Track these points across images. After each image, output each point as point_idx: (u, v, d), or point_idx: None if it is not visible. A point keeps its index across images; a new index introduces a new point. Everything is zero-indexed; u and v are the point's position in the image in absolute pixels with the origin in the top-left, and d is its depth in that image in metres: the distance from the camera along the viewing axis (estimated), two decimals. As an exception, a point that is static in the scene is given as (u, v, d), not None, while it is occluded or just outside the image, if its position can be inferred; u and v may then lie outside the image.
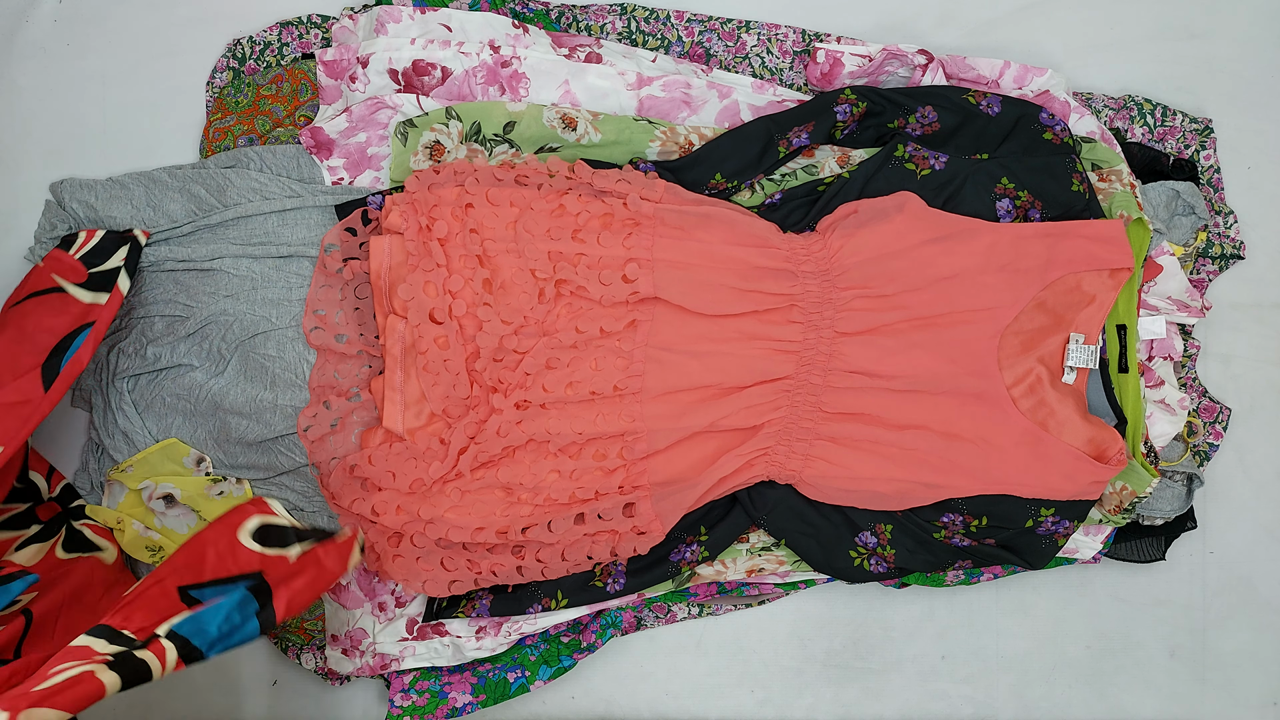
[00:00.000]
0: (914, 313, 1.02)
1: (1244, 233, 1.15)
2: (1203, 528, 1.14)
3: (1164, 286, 1.09)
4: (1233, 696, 1.16)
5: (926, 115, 1.06)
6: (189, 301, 1.06)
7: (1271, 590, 1.17)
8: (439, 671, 1.07)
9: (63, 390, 0.95)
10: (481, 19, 1.06)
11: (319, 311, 1.06)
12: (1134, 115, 1.14)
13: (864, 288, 1.02)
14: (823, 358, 1.02)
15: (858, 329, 1.02)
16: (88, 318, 0.98)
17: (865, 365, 1.02)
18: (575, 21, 1.11)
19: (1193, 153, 1.15)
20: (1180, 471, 1.10)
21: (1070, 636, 1.16)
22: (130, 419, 1.06)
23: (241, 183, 1.06)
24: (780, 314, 1.03)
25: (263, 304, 1.06)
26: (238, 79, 1.10)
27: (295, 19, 1.11)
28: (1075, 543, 1.09)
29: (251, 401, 1.06)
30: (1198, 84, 1.17)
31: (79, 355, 0.96)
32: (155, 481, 1.05)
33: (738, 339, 1.03)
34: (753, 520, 1.07)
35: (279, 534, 0.85)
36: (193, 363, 1.06)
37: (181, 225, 1.06)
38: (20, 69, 1.12)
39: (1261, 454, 1.16)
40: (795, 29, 1.13)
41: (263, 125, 1.09)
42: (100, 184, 1.08)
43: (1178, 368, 1.13)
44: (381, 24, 1.05)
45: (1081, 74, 1.15)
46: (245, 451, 1.06)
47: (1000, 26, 1.15)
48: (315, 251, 1.06)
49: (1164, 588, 1.16)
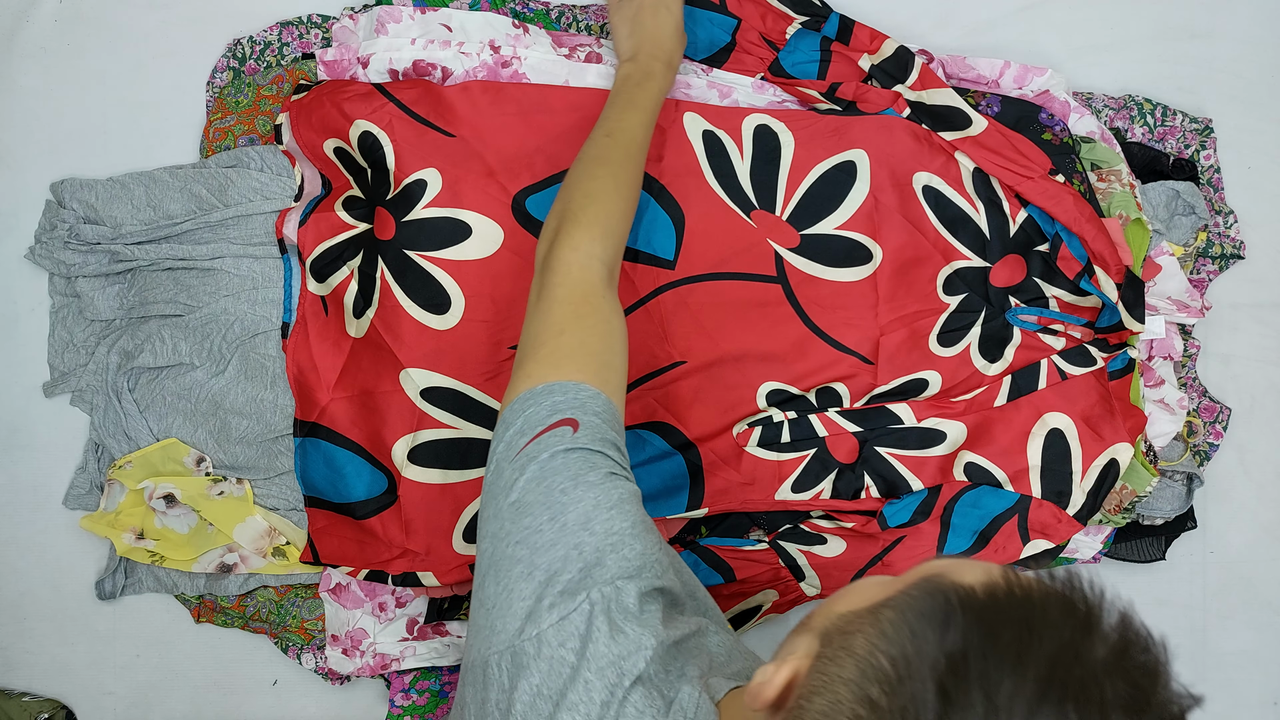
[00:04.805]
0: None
1: (1244, 233, 1.15)
2: (1203, 528, 1.14)
3: (1164, 286, 1.09)
4: (1233, 696, 1.16)
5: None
6: (189, 301, 1.06)
7: (1271, 590, 1.17)
8: (439, 671, 1.07)
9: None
10: (482, 19, 1.06)
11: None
12: (1134, 115, 1.14)
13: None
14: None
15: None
16: None
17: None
18: (575, 21, 1.11)
19: (1193, 153, 1.15)
20: (1180, 471, 1.10)
21: (1070, 636, 1.16)
22: (130, 418, 1.06)
23: (242, 182, 1.06)
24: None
25: (263, 304, 1.06)
26: (238, 79, 1.10)
27: (295, 19, 1.11)
28: (1075, 543, 1.09)
29: (251, 401, 1.06)
30: (1198, 84, 1.16)
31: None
32: (155, 481, 1.05)
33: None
34: (752, 520, 1.07)
35: None
36: (193, 362, 1.06)
37: (182, 224, 1.06)
38: (20, 69, 1.12)
39: (1261, 454, 1.16)
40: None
41: (263, 125, 1.09)
42: (100, 184, 1.07)
43: (1178, 368, 1.13)
44: (382, 24, 1.05)
45: (1081, 74, 1.15)
46: (245, 451, 1.06)
47: (1000, 26, 1.15)
48: (315, 251, 1.06)
49: (1164, 588, 1.16)
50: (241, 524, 1.05)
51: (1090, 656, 0.45)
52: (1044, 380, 1.03)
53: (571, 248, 0.82)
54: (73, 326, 1.09)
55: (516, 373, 0.76)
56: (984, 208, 1.05)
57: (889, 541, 1.02)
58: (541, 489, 0.66)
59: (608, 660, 0.59)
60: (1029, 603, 0.47)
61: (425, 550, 1.02)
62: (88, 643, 1.10)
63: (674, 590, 0.67)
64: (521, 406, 0.72)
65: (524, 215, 1.02)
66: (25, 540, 1.11)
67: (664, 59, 0.97)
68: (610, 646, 0.59)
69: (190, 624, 1.10)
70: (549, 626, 0.61)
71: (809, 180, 1.05)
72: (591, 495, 0.65)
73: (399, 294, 1.00)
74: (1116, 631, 0.46)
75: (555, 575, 0.62)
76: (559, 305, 0.78)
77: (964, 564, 0.51)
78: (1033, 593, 0.47)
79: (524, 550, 0.64)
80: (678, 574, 0.69)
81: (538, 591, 0.62)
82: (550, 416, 0.70)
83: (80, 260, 1.07)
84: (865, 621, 0.49)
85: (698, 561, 1.02)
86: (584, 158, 0.90)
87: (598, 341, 0.77)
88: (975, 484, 1.02)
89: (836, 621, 0.52)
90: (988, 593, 0.47)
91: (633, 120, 0.92)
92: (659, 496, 1.02)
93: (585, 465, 0.67)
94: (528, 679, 0.60)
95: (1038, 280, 1.06)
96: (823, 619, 0.53)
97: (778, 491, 1.04)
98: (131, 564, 1.08)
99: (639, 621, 0.61)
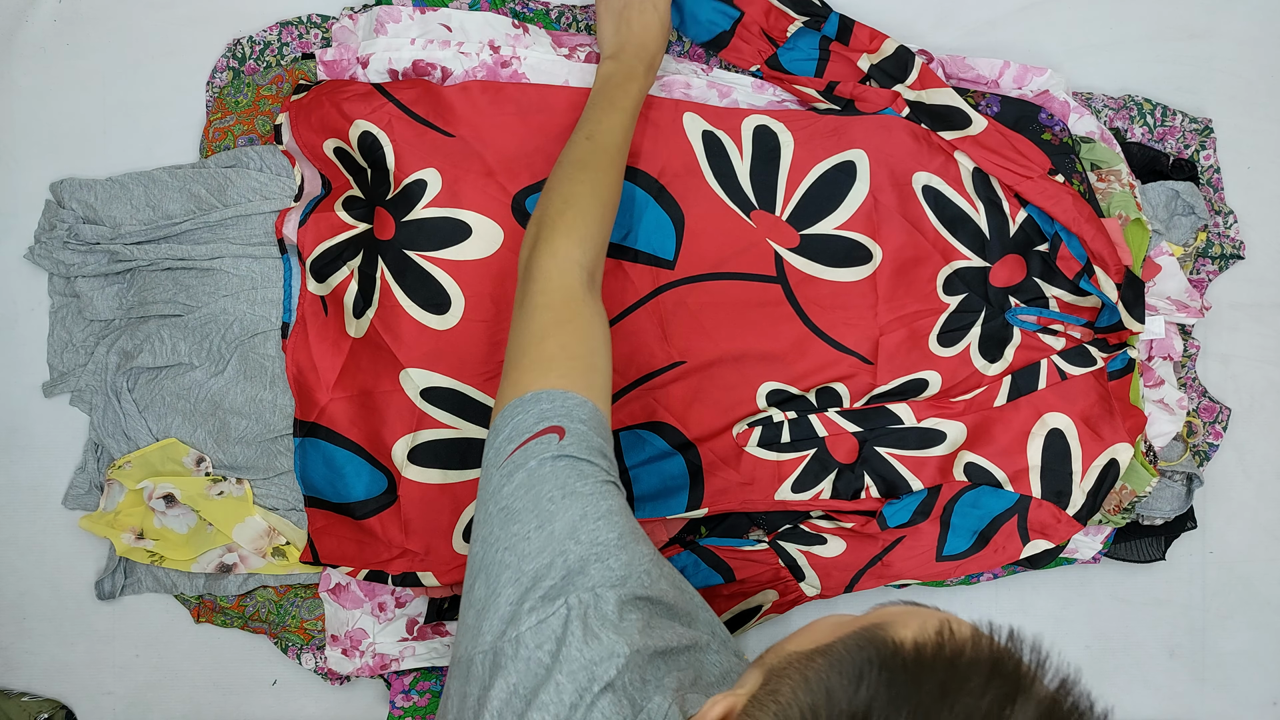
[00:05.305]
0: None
1: (1244, 233, 1.15)
2: (1203, 528, 1.14)
3: (1163, 287, 1.09)
4: (1233, 696, 1.16)
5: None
6: (189, 301, 1.06)
7: (1271, 590, 1.17)
8: (440, 672, 1.07)
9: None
10: (481, 19, 1.06)
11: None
12: (1134, 115, 1.14)
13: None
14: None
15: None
16: None
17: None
18: (575, 21, 1.11)
19: (1193, 153, 1.15)
20: (1180, 471, 1.10)
21: (1070, 636, 1.16)
22: (130, 418, 1.06)
23: (242, 182, 1.06)
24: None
25: (263, 304, 1.06)
26: (238, 79, 1.10)
27: (295, 19, 1.11)
28: (1075, 543, 1.09)
29: (251, 401, 1.06)
30: (1198, 84, 1.16)
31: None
32: (155, 481, 1.05)
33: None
34: (752, 520, 1.07)
35: None
36: (192, 362, 1.06)
37: (181, 224, 1.06)
38: (20, 69, 1.12)
39: (1261, 454, 1.16)
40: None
41: (263, 125, 1.09)
42: (100, 184, 1.07)
43: (1177, 368, 1.13)
44: (381, 24, 1.05)
45: (1081, 74, 1.15)
46: (245, 451, 1.06)
47: (1000, 26, 1.15)
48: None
49: (1164, 588, 1.16)
50: (241, 524, 1.05)
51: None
52: (1044, 380, 1.03)
53: (550, 254, 0.83)
54: (72, 326, 1.09)
55: (504, 381, 0.78)
56: (984, 207, 1.05)
57: (889, 542, 1.02)
58: (530, 496, 0.67)
59: (580, 664, 0.60)
60: (953, 665, 0.46)
61: (425, 550, 1.02)
62: (87, 643, 1.10)
63: (666, 600, 0.67)
64: (510, 414, 0.73)
65: (524, 215, 1.02)
66: (25, 540, 1.11)
67: (647, 60, 0.98)
68: (583, 650, 0.60)
69: (189, 624, 1.10)
70: (528, 629, 0.62)
71: (808, 180, 1.05)
72: (579, 505, 0.66)
73: (399, 294, 1.00)
74: (1046, 700, 0.44)
75: (539, 581, 0.64)
76: (540, 312, 0.80)
77: (912, 614, 0.51)
78: (963, 654, 0.46)
79: (512, 556, 0.66)
80: (674, 586, 0.69)
81: (521, 596, 0.64)
82: (538, 424, 0.71)
83: (80, 260, 1.07)
84: (799, 666, 0.50)
85: (698, 561, 1.02)
86: (564, 161, 0.91)
87: (580, 346, 0.78)
88: (975, 484, 1.02)
89: (782, 660, 0.53)
90: (915, 650, 0.47)
91: (613, 122, 0.93)
92: (658, 496, 1.02)
93: (573, 474, 0.68)
94: (505, 678, 0.61)
95: (1037, 280, 1.06)
96: (774, 655, 0.55)
97: (777, 492, 1.04)
98: (131, 564, 1.08)
99: (616, 629, 0.62)
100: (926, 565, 1.03)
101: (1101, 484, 1.02)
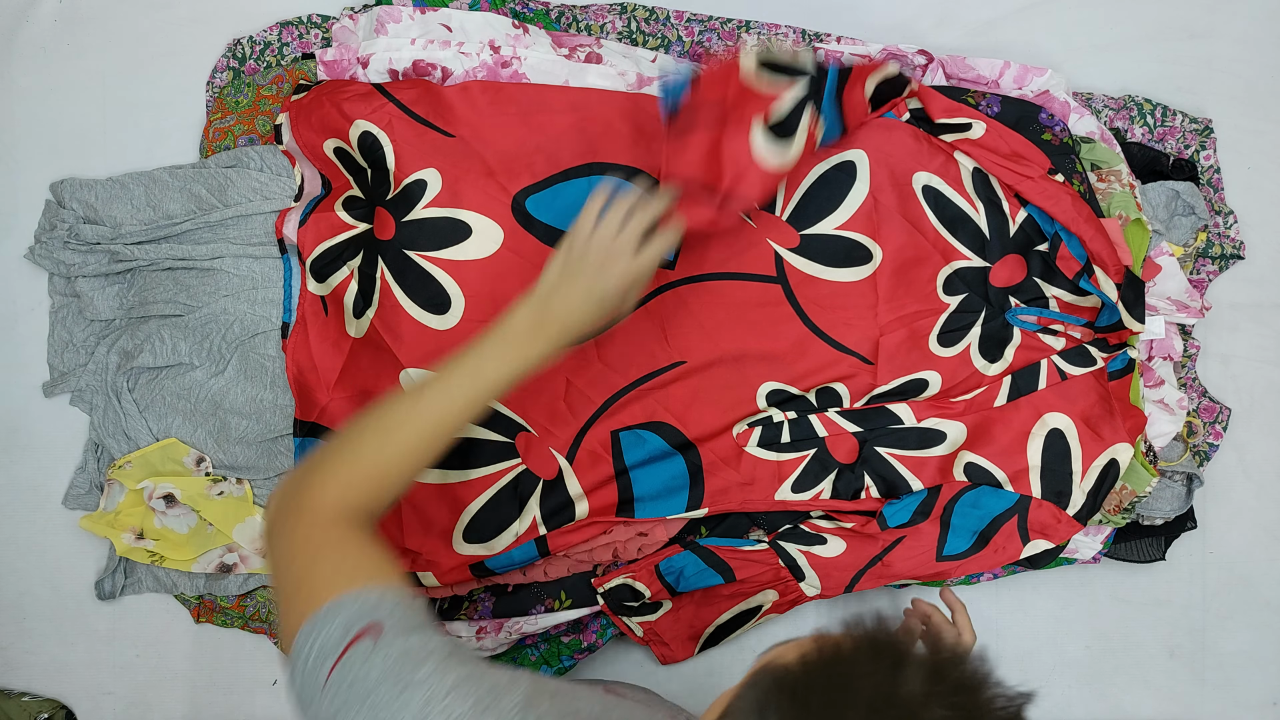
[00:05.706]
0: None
1: (1244, 233, 1.15)
2: (1203, 528, 1.14)
3: (1163, 287, 1.09)
4: (1232, 696, 1.16)
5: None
6: (189, 301, 1.06)
7: (1271, 590, 1.17)
8: (439, 671, 1.07)
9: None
10: (481, 19, 1.06)
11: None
12: (1134, 115, 1.14)
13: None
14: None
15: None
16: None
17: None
18: (575, 21, 1.11)
19: (1193, 153, 1.15)
20: (1180, 471, 1.10)
21: (1070, 636, 1.16)
22: (130, 418, 1.06)
23: (242, 182, 1.06)
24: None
25: (263, 304, 1.07)
26: (238, 79, 1.10)
27: (295, 19, 1.11)
28: (1075, 543, 1.09)
29: (251, 401, 1.06)
30: (1198, 84, 1.16)
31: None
32: (155, 481, 1.05)
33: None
34: (752, 520, 1.07)
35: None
36: (192, 362, 1.06)
37: (182, 224, 1.06)
38: (20, 69, 1.12)
39: (1261, 454, 1.16)
40: (795, 29, 1.13)
41: (263, 125, 1.09)
42: (100, 184, 1.07)
43: (1177, 368, 1.13)
44: (381, 24, 1.05)
45: (1081, 74, 1.15)
46: (245, 451, 1.06)
47: (1000, 26, 1.15)
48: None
49: (1164, 588, 1.16)
50: (241, 524, 1.05)
51: (904, 692, 0.47)
52: (1044, 380, 1.03)
53: (312, 493, 0.74)
54: (72, 326, 1.09)
55: (284, 618, 0.68)
56: (984, 207, 1.05)
57: (889, 542, 1.02)
58: (366, 709, 0.61)
59: None
60: (839, 660, 0.49)
61: (424, 550, 1.02)
62: (87, 643, 1.10)
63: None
64: (308, 637, 0.64)
65: (524, 215, 1.02)
66: (25, 540, 1.11)
67: (568, 339, 0.84)
68: None
69: (190, 624, 1.10)
70: None
71: (809, 180, 1.05)
72: (420, 694, 0.60)
73: (399, 294, 1.00)
74: (926, 658, 0.48)
75: None
76: (303, 542, 0.71)
77: (790, 645, 0.55)
78: (843, 648, 0.50)
79: None
80: (561, 711, 0.63)
81: None
82: (345, 636, 0.64)
83: (80, 260, 1.07)
84: None
85: (698, 561, 1.02)
86: (384, 408, 0.79)
87: (357, 550, 0.71)
88: (975, 484, 1.02)
89: None
90: (802, 664, 0.50)
91: (481, 381, 0.80)
92: (659, 496, 1.02)
93: (404, 664, 0.62)
94: None
95: (1037, 280, 1.06)
96: None
97: (777, 492, 1.04)
98: (131, 564, 1.08)
99: None
100: (927, 565, 1.03)
101: (1101, 484, 1.02)
